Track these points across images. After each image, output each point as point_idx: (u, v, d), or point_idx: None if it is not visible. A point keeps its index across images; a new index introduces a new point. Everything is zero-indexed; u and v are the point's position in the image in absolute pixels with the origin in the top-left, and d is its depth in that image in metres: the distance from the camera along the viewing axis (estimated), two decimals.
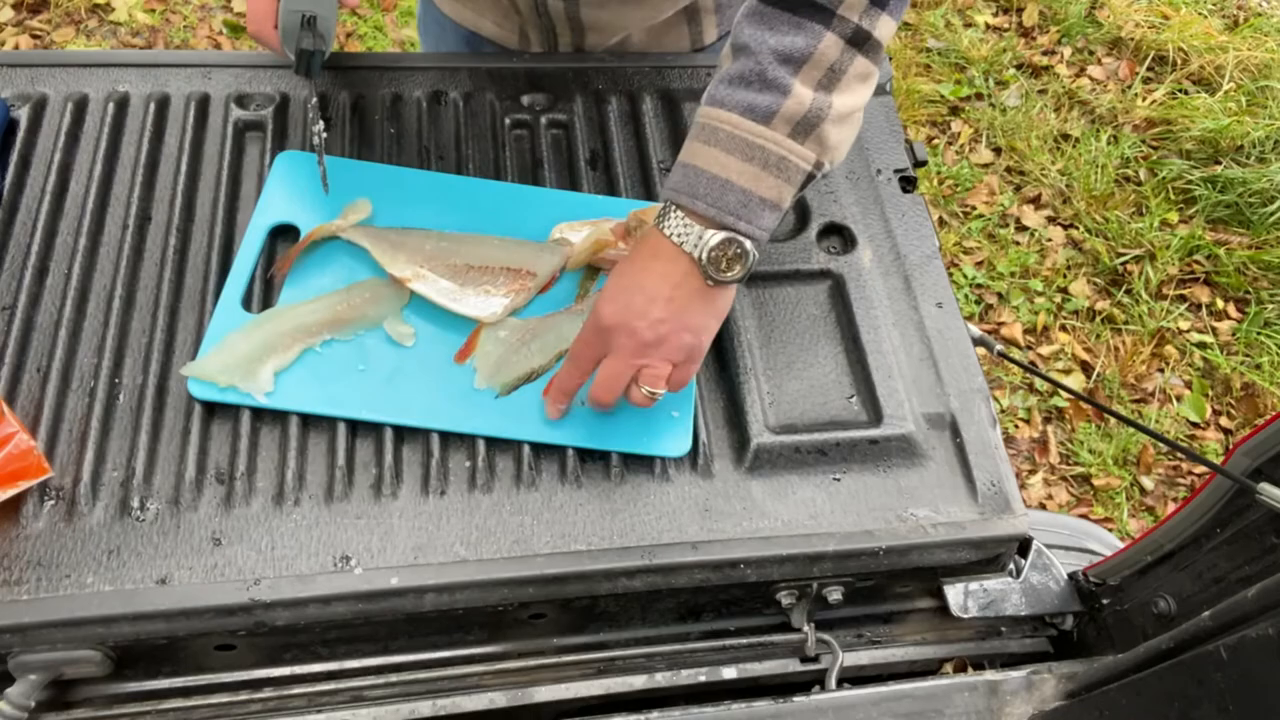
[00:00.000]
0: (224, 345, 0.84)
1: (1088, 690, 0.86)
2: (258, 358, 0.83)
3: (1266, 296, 2.52)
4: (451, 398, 0.85)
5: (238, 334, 0.85)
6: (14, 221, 0.92)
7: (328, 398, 0.83)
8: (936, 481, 0.88)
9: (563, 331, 0.89)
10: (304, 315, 0.86)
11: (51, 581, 0.74)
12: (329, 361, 0.85)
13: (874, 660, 0.92)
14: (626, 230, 0.92)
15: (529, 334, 0.88)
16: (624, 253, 0.91)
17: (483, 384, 0.85)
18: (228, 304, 0.87)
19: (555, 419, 0.84)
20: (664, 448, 0.85)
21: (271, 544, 0.77)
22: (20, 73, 1.01)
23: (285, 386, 0.83)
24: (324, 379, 0.84)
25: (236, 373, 0.82)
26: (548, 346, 0.88)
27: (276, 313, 0.87)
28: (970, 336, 0.97)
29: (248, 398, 0.82)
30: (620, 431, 0.85)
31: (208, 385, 0.82)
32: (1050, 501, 2.20)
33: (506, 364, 0.87)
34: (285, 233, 0.94)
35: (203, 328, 0.87)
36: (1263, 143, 2.76)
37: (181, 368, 0.84)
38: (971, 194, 2.70)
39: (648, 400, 0.79)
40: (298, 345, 0.85)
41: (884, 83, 1.16)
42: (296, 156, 0.98)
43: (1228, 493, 0.81)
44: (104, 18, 2.76)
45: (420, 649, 0.86)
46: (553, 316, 0.91)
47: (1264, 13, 3.17)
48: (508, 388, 0.86)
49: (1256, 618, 0.72)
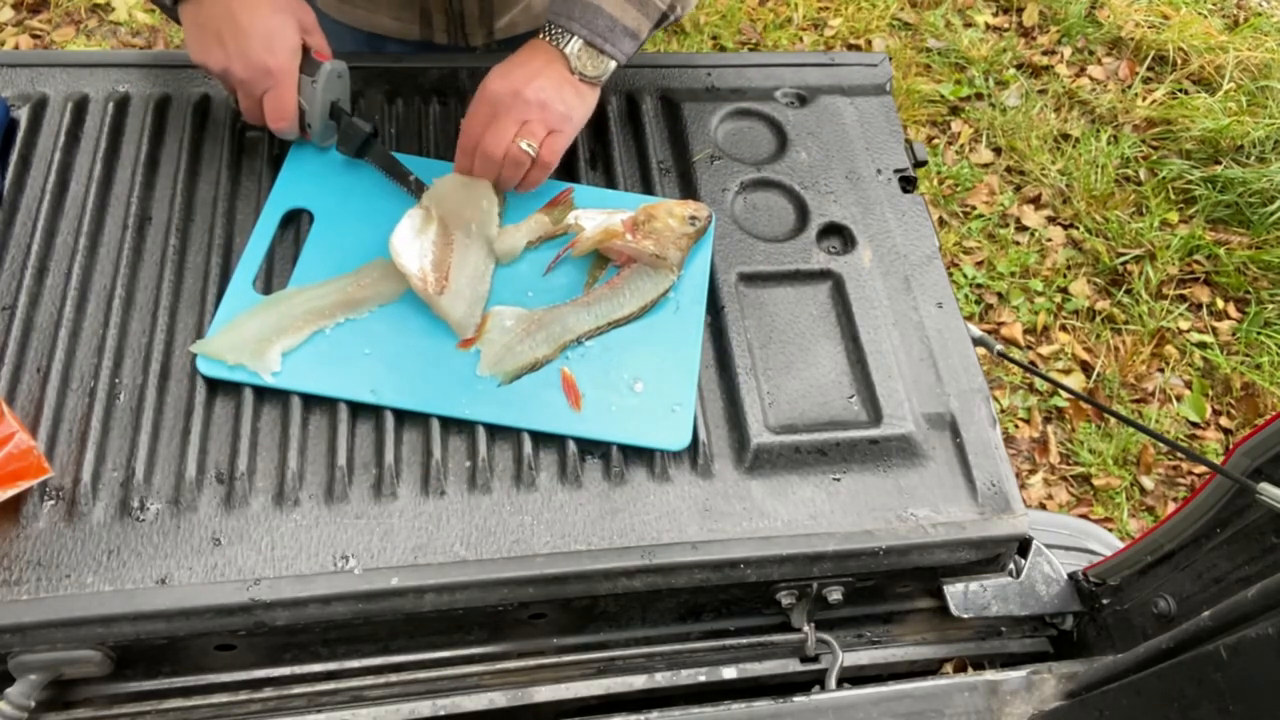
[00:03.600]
0: (234, 325, 0.86)
1: (1088, 690, 0.86)
2: (267, 338, 0.85)
3: (1266, 296, 2.52)
4: (455, 384, 0.86)
5: (248, 314, 0.86)
6: (14, 221, 0.92)
7: (332, 380, 0.84)
8: (936, 481, 0.88)
9: (568, 323, 0.90)
10: (316, 298, 0.88)
11: (51, 581, 0.74)
12: (335, 344, 0.87)
13: (874, 660, 0.92)
14: (635, 223, 0.94)
15: (534, 324, 0.89)
16: (631, 244, 0.93)
17: (485, 371, 0.86)
18: (239, 285, 0.89)
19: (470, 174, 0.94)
20: (664, 441, 0.85)
21: (271, 544, 0.77)
22: (20, 73, 1.01)
23: (292, 367, 0.85)
24: (329, 361, 0.86)
25: (245, 351, 0.84)
26: (553, 337, 0.89)
27: (287, 295, 0.88)
28: (970, 336, 0.98)
29: (254, 376, 0.83)
30: (621, 426, 0.85)
31: (216, 363, 0.84)
32: (1050, 501, 2.20)
33: (511, 353, 0.87)
34: (297, 218, 0.96)
35: (203, 328, 0.87)
36: (1263, 143, 2.76)
37: (190, 345, 0.85)
38: (971, 194, 2.70)
39: (524, 155, 0.91)
40: (309, 327, 0.87)
41: (884, 83, 1.16)
42: (310, 144, 1.00)
43: (1228, 493, 0.81)
44: (104, 18, 2.76)
45: (420, 649, 0.86)
46: (559, 308, 0.91)
47: (1264, 13, 3.17)
48: (510, 376, 0.86)
49: (1256, 618, 0.72)
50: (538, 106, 0.91)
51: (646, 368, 0.89)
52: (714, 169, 1.06)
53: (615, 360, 0.89)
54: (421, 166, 0.99)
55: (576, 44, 0.92)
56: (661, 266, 0.93)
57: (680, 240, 0.94)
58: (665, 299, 0.94)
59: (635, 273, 0.94)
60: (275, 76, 0.89)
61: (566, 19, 0.92)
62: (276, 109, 0.91)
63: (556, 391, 0.87)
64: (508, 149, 0.91)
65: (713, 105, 1.11)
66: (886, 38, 3.02)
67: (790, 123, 1.11)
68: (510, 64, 0.94)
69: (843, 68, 1.17)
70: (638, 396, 0.87)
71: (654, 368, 0.89)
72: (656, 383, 0.88)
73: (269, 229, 0.93)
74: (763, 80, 1.14)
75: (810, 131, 1.10)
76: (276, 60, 0.88)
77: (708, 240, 0.98)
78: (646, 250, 0.93)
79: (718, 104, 1.11)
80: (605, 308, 0.92)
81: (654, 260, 0.93)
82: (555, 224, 0.96)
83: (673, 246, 0.93)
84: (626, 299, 0.92)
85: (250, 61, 0.88)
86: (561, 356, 0.88)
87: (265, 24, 0.88)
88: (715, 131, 1.09)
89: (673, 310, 0.93)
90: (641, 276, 0.93)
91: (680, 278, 0.95)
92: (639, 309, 0.92)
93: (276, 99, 0.90)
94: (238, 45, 0.87)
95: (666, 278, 0.94)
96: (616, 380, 0.88)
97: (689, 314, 0.93)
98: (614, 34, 0.93)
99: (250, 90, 0.90)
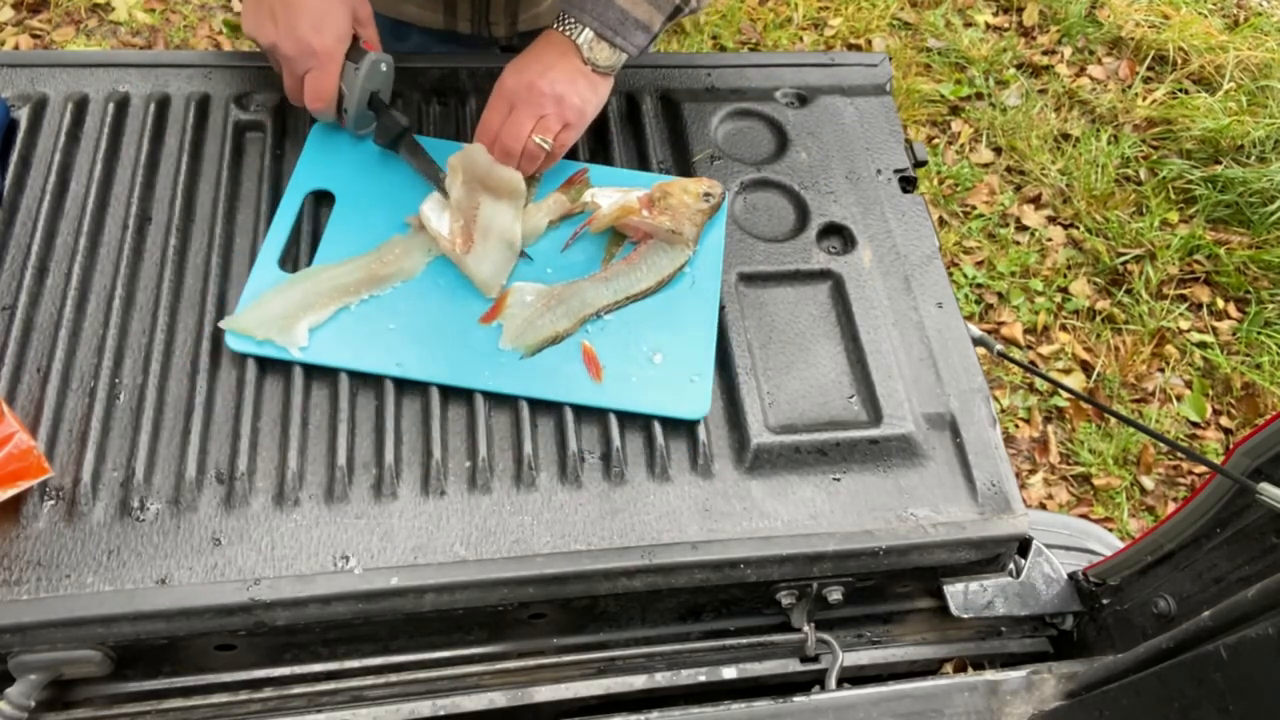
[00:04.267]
0: (261, 301, 0.87)
1: (1088, 690, 0.86)
2: (294, 314, 0.87)
3: (1266, 296, 2.52)
4: (478, 358, 0.87)
5: (275, 291, 0.88)
6: (14, 221, 0.92)
7: (358, 354, 0.86)
8: (936, 481, 0.88)
9: (586, 297, 0.92)
10: (341, 275, 0.90)
11: (51, 581, 0.74)
12: (360, 320, 0.89)
13: (874, 660, 0.92)
14: (651, 200, 0.96)
15: (554, 299, 0.91)
16: (647, 220, 0.95)
17: (507, 344, 0.88)
18: (265, 264, 0.91)
19: None
20: (684, 410, 0.87)
21: (271, 544, 0.77)
22: (20, 73, 1.01)
23: (319, 342, 0.86)
24: (355, 336, 0.87)
25: (273, 327, 0.85)
26: (572, 311, 0.91)
27: (313, 272, 0.90)
28: (970, 336, 0.98)
29: (283, 351, 0.85)
30: (641, 396, 0.87)
31: (245, 338, 0.85)
32: (1050, 501, 2.20)
33: (532, 326, 0.89)
34: (322, 198, 0.96)
35: (203, 328, 0.87)
36: (1263, 142, 2.76)
37: (220, 321, 0.86)
38: (971, 194, 2.70)
39: (539, 150, 0.93)
40: (334, 303, 0.89)
41: (884, 83, 1.16)
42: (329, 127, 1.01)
43: (1228, 493, 0.81)
44: (104, 18, 2.76)
45: (420, 649, 0.86)
46: (578, 283, 0.93)
47: (1264, 12, 3.17)
48: (532, 349, 0.88)
49: (1256, 618, 0.72)
50: (553, 100, 0.93)
51: (665, 340, 0.91)
52: (714, 169, 1.06)
53: (634, 334, 0.91)
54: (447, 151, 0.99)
55: (588, 34, 0.93)
56: (677, 242, 0.95)
57: (695, 216, 0.96)
58: (681, 274, 0.95)
59: (651, 248, 0.96)
60: (319, 58, 0.91)
61: (579, 10, 0.93)
62: (315, 89, 0.93)
63: (578, 364, 0.88)
64: (525, 144, 0.93)
65: (713, 105, 1.11)
66: (886, 38, 3.02)
67: (790, 123, 1.11)
68: (525, 58, 0.96)
69: (843, 68, 1.17)
70: (657, 368, 0.89)
71: (672, 340, 0.91)
72: (675, 354, 0.90)
73: (292, 210, 0.95)
74: (763, 80, 1.14)
75: (810, 131, 1.10)
76: (322, 41, 0.90)
77: (721, 216, 1.00)
78: (662, 226, 0.94)
79: (718, 104, 1.11)
80: (623, 282, 0.94)
81: (670, 236, 0.95)
82: (573, 202, 0.98)
83: (688, 222, 0.95)
84: (643, 274, 0.94)
85: (297, 39, 0.90)
86: (581, 330, 0.90)
87: (318, 6, 0.90)
88: (715, 131, 1.09)
89: (689, 285, 0.95)
90: (658, 252, 0.95)
91: (695, 253, 0.96)
92: (656, 284, 0.94)
93: (317, 80, 0.92)
94: (288, 22, 0.90)
95: (682, 253, 0.95)
96: (636, 353, 0.90)
97: (705, 288, 0.95)
98: (625, 26, 0.94)
99: (294, 68, 0.92)
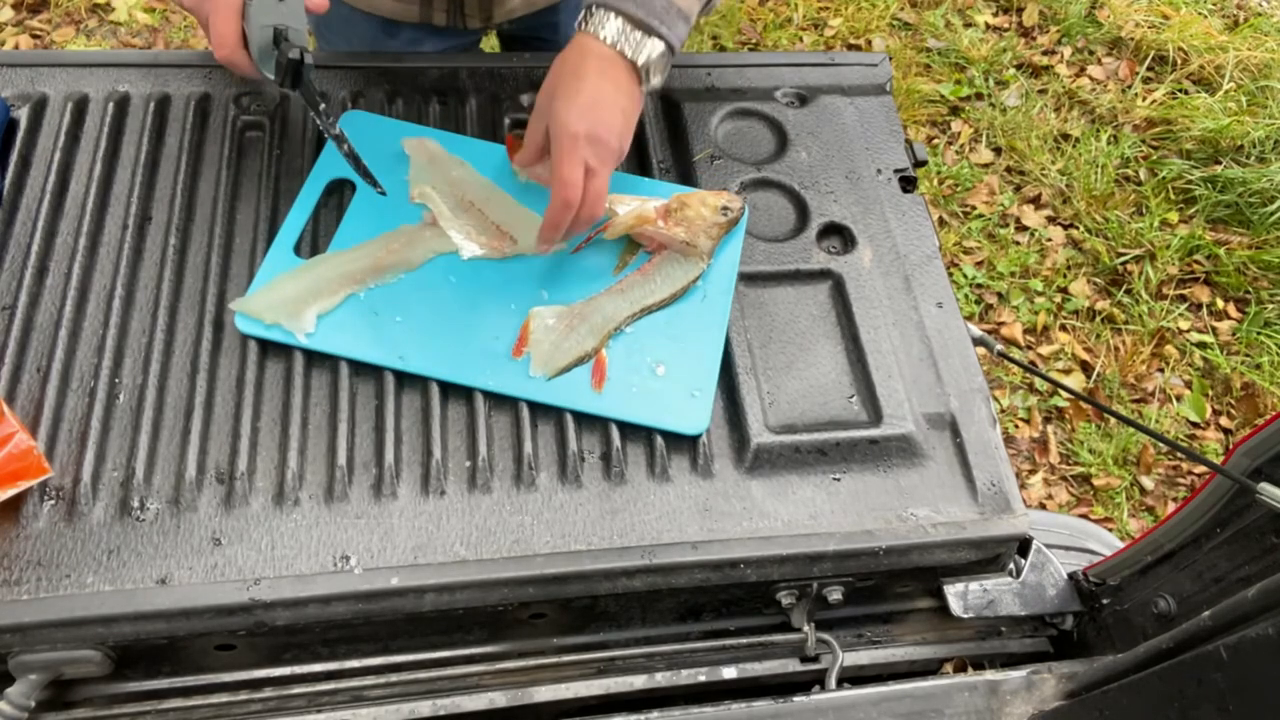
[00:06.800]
0: (273, 285, 0.88)
1: (1088, 690, 0.86)
2: (303, 299, 0.87)
3: (1266, 296, 2.52)
4: (480, 356, 0.87)
5: (286, 276, 0.89)
6: (14, 221, 0.92)
7: (363, 344, 0.87)
8: (936, 481, 0.88)
9: (607, 312, 0.91)
10: (348, 262, 0.91)
11: (51, 581, 0.74)
12: (368, 310, 0.89)
13: (874, 660, 0.92)
14: (668, 210, 0.96)
15: (576, 319, 0.91)
16: (662, 230, 0.94)
17: (537, 372, 0.87)
18: (280, 249, 0.91)
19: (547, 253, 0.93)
20: (681, 425, 0.86)
21: (271, 544, 0.77)
22: (20, 73, 1.01)
23: (325, 330, 0.87)
24: (362, 326, 0.88)
25: (282, 311, 0.86)
26: (596, 328, 0.90)
27: (324, 259, 0.91)
28: (970, 336, 0.98)
29: (290, 336, 0.85)
30: (640, 407, 0.87)
31: (254, 321, 0.86)
32: (1050, 501, 2.20)
33: (559, 350, 0.89)
34: (341, 187, 0.97)
35: (203, 328, 0.87)
36: (1263, 143, 2.76)
37: (231, 303, 0.87)
38: (971, 194, 2.70)
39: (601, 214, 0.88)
40: (342, 291, 0.89)
41: (884, 82, 1.16)
42: (360, 116, 1.02)
43: (1228, 493, 0.81)
44: (104, 18, 2.76)
45: (420, 649, 0.86)
46: (595, 299, 0.93)
47: (1264, 13, 3.17)
48: (559, 371, 0.88)
49: (1256, 618, 0.72)
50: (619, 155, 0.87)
51: (669, 352, 0.90)
52: (714, 169, 1.06)
53: (639, 344, 0.91)
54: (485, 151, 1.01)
55: (650, 51, 0.85)
56: (692, 254, 0.95)
57: (712, 229, 0.95)
58: (694, 287, 0.95)
59: (666, 259, 0.95)
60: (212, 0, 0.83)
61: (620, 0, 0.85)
62: (215, 35, 0.84)
63: (581, 371, 0.88)
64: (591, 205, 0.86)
65: (713, 105, 1.11)
66: (886, 38, 3.02)
67: (790, 122, 1.11)
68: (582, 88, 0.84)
69: (843, 68, 1.17)
70: (659, 380, 0.88)
71: (677, 353, 0.90)
72: (678, 368, 0.89)
73: (312, 197, 0.95)
74: (763, 80, 1.14)
75: (810, 131, 1.10)
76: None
77: (739, 231, 0.99)
78: (678, 237, 0.94)
79: (718, 104, 1.11)
80: (638, 294, 0.93)
81: (684, 248, 0.95)
82: None
83: (704, 235, 0.95)
84: (658, 285, 0.94)
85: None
86: (607, 347, 0.90)
87: None
88: (715, 131, 1.09)
89: (700, 299, 0.95)
90: (672, 263, 0.95)
91: (710, 267, 0.96)
92: (670, 295, 0.94)
93: (214, 26, 0.84)
94: None
95: (697, 265, 0.95)
96: (639, 363, 0.89)
97: (716, 303, 0.94)
98: (669, 15, 0.85)
99: (201, 21, 0.85)
